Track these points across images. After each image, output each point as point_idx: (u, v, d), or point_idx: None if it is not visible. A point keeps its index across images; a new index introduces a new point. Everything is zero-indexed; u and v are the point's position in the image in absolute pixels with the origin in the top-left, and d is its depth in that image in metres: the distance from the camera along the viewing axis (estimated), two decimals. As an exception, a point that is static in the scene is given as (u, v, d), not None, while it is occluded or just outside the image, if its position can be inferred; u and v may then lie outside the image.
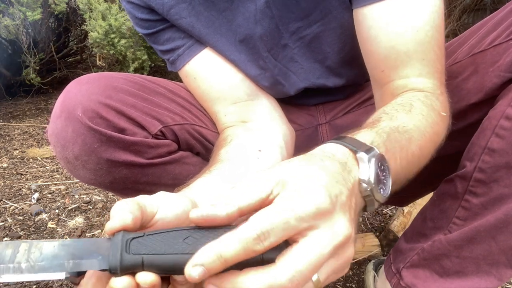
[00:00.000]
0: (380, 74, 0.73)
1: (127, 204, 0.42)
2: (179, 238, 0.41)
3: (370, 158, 0.47)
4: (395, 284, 0.79)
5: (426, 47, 0.69)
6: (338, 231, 0.39)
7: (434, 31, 0.69)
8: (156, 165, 0.78)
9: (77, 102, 0.71)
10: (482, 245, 0.66)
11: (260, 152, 0.77)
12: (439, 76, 0.71)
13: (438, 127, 0.65)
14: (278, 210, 0.38)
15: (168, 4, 0.78)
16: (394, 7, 0.68)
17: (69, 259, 0.41)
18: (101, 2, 2.77)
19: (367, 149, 0.49)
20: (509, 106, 0.61)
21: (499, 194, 0.62)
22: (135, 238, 0.41)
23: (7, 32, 2.77)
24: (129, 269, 0.39)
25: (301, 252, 0.38)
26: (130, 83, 0.78)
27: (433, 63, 0.70)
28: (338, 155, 0.47)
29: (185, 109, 0.85)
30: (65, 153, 0.73)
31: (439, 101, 0.68)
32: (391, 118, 0.60)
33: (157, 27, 0.82)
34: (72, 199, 1.74)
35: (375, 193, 0.48)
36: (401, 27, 0.68)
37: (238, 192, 0.41)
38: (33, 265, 0.40)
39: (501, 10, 0.72)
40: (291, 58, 0.83)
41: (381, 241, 1.25)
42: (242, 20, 0.79)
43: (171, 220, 0.46)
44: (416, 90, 0.69)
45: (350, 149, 0.48)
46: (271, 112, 0.88)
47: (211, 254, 0.37)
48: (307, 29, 0.79)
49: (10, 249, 0.41)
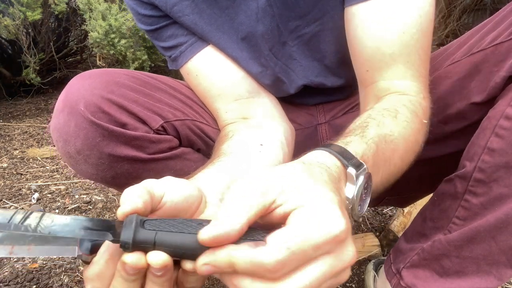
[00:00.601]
0: (365, 74, 0.74)
1: (136, 190, 0.42)
2: (193, 222, 0.41)
3: (359, 175, 0.48)
4: (395, 284, 0.79)
5: (411, 50, 0.69)
6: (346, 258, 0.39)
7: (420, 34, 0.69)
8: (158, 160, 0.78)
9: (80, 97, 0.71)
10: (482, 245, 0.66)
11: (261, 146, 0.77)
12: (423, 80, 0.71)
13: (419, 135, 0.66)
14: (298, 241, 0.36)
15: (172, 1, 0.78)
16: (382, 7, 0.68)
17: (80, 228, 0.41)
18: (101, 2, 2.77)
19: (357, 165, 0.49)
20: (508, 106, 0.61)
21: (499, 194, 0.62)
22: (149, 220, 0.41)
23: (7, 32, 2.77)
24: (141, 243, 0.39)
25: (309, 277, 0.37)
26: (132, 79, 0.79)
27: (417, 67, 0.70)
28: (332, 168, 0.47)
29: (186, 105, 0.85)
30: (67, 148, 0.74)
31: (421, 107, 0.68)
32: (378, 125, 0.60)
33: (160, 23, 0.82)
34: (72, 199, 1.74)
35: (353, 211, 0.49)
36: (387, 29, 0.68)
37: (241, 200, 0.39)
38: (44, 227, 0.39)
39: (501, 11, 0.72)
40: (290, 55, 0.84)
41: (381, 241, 1.25)
42: (244, 18, 0.79)
43: (178, 201, 0.46)
44: (400, 94, 0.69)
45: (342, 163, 0.49)
46: (271, 110, 0.88)
47: (225, 259, 0.36)
48: (306, 27, 0.79)
49: (21, 214, 0.40)
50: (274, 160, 0.76)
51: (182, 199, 0.47)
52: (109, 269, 0.42)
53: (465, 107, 0.72)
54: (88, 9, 2.80)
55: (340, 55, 0.82)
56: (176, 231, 0.40)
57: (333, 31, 0.79)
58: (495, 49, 0.67)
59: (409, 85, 0.70)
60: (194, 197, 0.50)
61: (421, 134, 0.66)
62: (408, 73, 0.70)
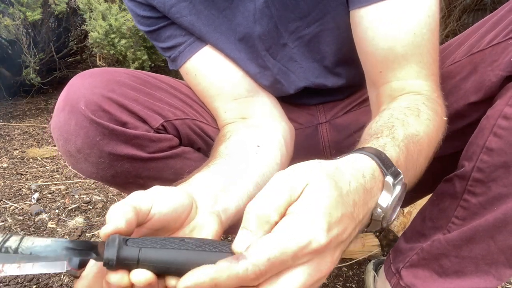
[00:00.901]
0: (377, 75, 0.74)
1: (121, 208, 0.43)
2: (175, 239, 0.41)
3: (395, 185, 0.49)
4: (395, 284, 0.79)
5: (423, 50, 0.69)
6: (323, 269, 0.41)
7: (430, 34, 0.69)
8: (158, 159, 0.78)
9: (80, 96, 0.71)
10: (481, 245, 0.66)
11: (258, 147, 0.77)
12: (435, 78, 0.72)
13: (440, 133, 0.66)
14: (279, 249, 0.37)
15: (169, 2, 0.79)
16: (391, 9, 0.69)
17: (62, 249, 0.41)
18: (101, 2, 2.77)
19: (396, 174, 0.50)
20: (507, 106, 0.61)
21: (497, 193, 0.62)
22: (131, 239, 0.41)
23: (7, 32, 2.77)
24: (125, 260, 0.39)
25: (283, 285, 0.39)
26: (133, 78, 0.79)
27: (429, 66, 0.71)
28: (367, 177, 0.47)
29: (187, 104, 0.85)
30: (67, 146, 0.74)
31: (439, 105, 0.68)
32: (403, 125, 0.60)
33: (158, 24, 0.83)
34: (72, 199, 1.74)
35: (384, 219, 0.49)
36: (398, 29, 0.69)
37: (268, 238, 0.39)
38: (25, 249, 0.40)
39: (499, 10, 0.72)
40: (290, 57, 0.84)
41: (381, 241, 1.25)
42: (242, 19, 0.79)
43: (167, 213, 0.47)
44: (415, 93, 0.69)
45: (381, 170, 0.49)
46: (271, 109, 0.88)
47: (206, 280, 0.37)
48: (306, 29, 0.79)
49: (0, 237, 0.41)
50: (271, 161, 0.76)
51: (170, 210, 0.47)
52: (97, 283, 0.42)
53: (463, 107, 0.73)
54: (88, 9, 2.81)
55: (340, 55, 0.82)
56: (159, 247, 0.40)
57: (334, 31, 0.79)
58: (492, 49, 0.68)
59: (423, 84, 0.70)
60: (184, 206, 0.50)
61: (441, 131, 0.67)
62: (421, 73, 0.70)
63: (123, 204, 0.43)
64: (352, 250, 1.22)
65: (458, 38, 0.81)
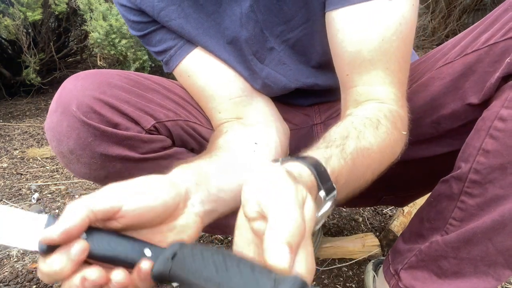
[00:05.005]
0: (345, 78, 0.74)
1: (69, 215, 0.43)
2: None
3: (326, 201, 0.51)
4: (394, 285, 0.79)
5: (390, 57, 0.69)
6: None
7: (400, 42, 0.69)
8: (150, 160, 0.78)
9: (72, 97, 0.72)
10: (479, 246, 0.66)
11: (256, 145, 0.78)
12: (401, 87, 0.72)
13: (397, 147, 0.67)
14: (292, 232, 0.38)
15: (158, 6, 0.79)
16: (362, 13, 0.68)
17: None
18: (102, 2, 2.77)
19: (330, 189, 0.51)
20: (503, 107, 0.61)
21: (494, 195, 0.62)
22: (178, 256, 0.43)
23: (7, 32, 2.77)
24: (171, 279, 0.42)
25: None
26: (125, 80, 0.79)
27: (396, 74, 0.70)
28: (309, 186, 0.48)
29: (179, 105, 0.85)
30: (60, 148, 0.75)
31: (400, 118, 0.68)
32: (358, 136, 0.61)
33: (148, 28, 0.84)
34: (72, 199, 1.74)
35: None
36: (366, 34, 0.69)
37: None
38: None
39: (494, 11, 0.72)
40: (279, 60, 0.84)
41: (381, 241, 1.25)
42: (229, 23, 0.80)
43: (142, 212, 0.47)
44: (379, 101, 0.69)
45: (317, 184, 0.50)
46: (265, 110, 0.88)
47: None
48: (290, 32, 0.80)
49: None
50: (267, 159, 0.77)
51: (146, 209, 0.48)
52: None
53: (461, 107, 0.72)
54: (88, 9, 2.80)
55: (326, 57, 0.82)
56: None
57: (319, 34, 0.79)
58: (489, 49, 0.67)
59: (388, 92, 0.70)
60: (167, 205, 0.50)
61: (399, 145, 0.67)
62: (387, 79, 0.70)
63: (74, 209, 0.44)
64: (352, 250, 1.22)
65: (452, 41, 0.81)
